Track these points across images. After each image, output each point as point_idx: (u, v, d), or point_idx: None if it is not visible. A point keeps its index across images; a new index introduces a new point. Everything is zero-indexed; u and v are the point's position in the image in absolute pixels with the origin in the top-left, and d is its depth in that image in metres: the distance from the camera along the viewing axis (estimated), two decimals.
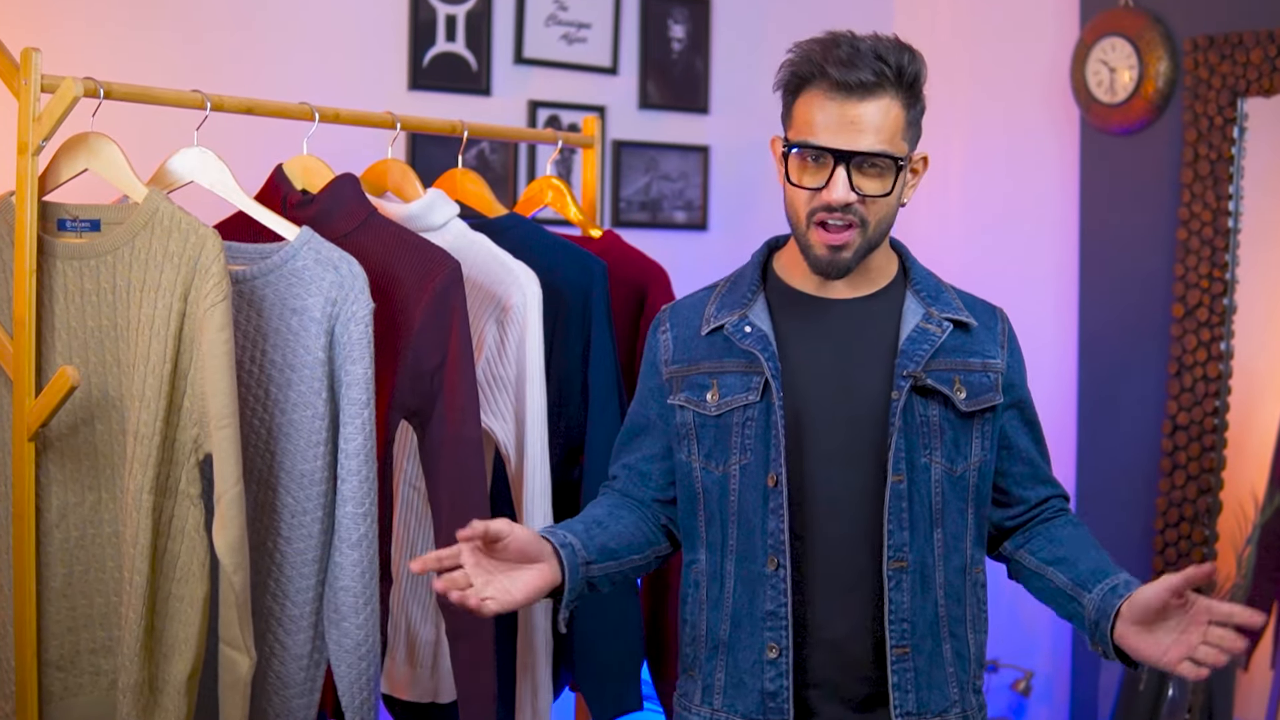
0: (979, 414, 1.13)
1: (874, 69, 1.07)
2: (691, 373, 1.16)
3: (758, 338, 1.12)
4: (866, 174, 1.08)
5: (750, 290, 1.16)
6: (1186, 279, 1.98)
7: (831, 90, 1.07)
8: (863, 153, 1.07)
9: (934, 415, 1.11)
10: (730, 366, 1.14)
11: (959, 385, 1.12)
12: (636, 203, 2.20)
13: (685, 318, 1.18)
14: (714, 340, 1.15)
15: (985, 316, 1.17)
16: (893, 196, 1.09)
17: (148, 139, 1.37)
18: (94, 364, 1.22)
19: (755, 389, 1.12)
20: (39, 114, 1.20)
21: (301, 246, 1.24)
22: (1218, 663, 0.99)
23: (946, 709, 1.11)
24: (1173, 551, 1.98)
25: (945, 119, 2.44)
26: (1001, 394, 1.15)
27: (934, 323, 1.12)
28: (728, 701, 1.13)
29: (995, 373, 1.15)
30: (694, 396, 1.15)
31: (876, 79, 1.07)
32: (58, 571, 1.23)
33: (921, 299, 1.14)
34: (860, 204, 1.08)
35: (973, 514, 1.14)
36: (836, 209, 1.08)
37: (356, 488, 1.22)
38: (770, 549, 1.10)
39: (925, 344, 1.11)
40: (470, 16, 2.01)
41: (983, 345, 1.15)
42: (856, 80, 1.06)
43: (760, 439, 1.11)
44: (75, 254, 1.23)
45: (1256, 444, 1.94)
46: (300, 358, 1.23)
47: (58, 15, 1.70)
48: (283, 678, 1.25)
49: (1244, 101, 1.92)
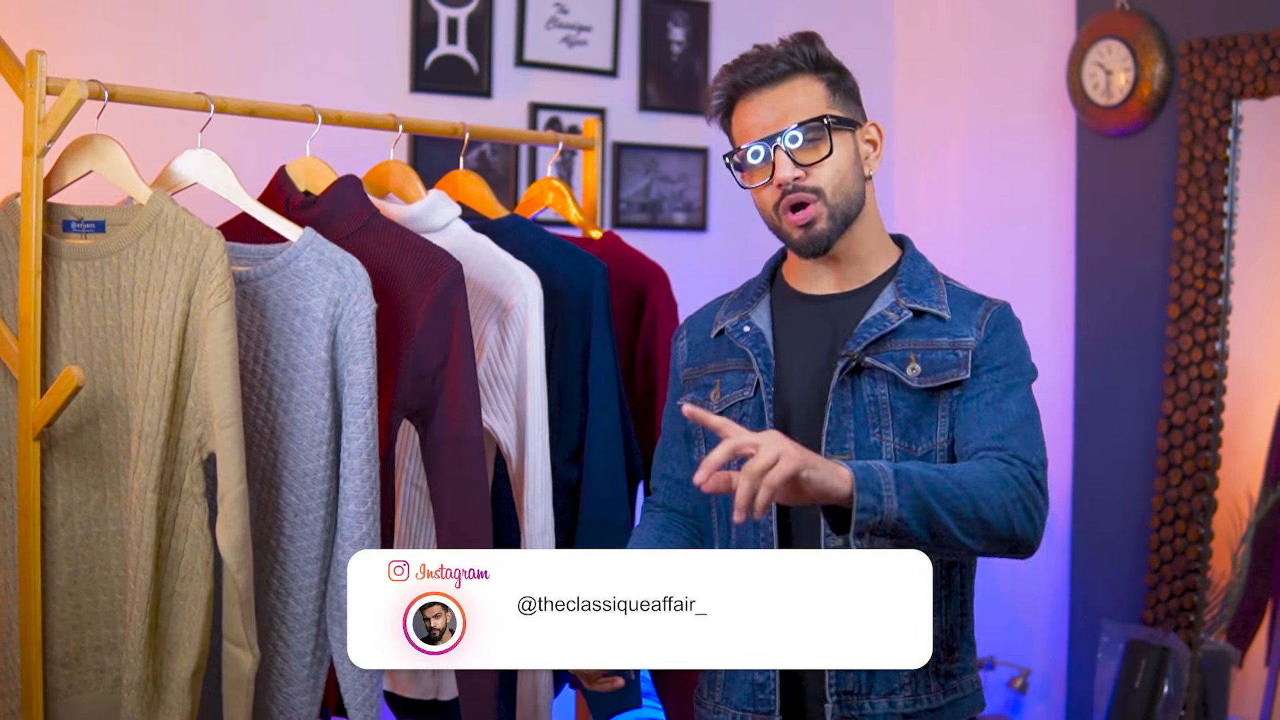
0: (941, 391, 1.11)
1: (783, 60, 1.13)
2: (700, 374, 1.20)
3: (753, 336, 1.16)
4: (802, 149, 1.12)
5: (756, 293, 1.20)
6: (1182, 280, 1.99)
7: (750, 93, 1.13)
8: (788, 128, 1.11)
9: (882, 394, 1.11)
10: (731, 365, 1.18)
11: (914, 363, 1.11)
12: (636, 204, 2.21)
13: (699, 324, 1.23)
14: (719, 342, 1.20)
15: (967, 307, 1.16)
16: (836, 158, 1.12)
17: (152, 141, 1.38)
18: (99, 364, 1.23)
19: (750, 385, 1.15)
20: (44, 116, 1.21)
21: (304, 247, 1.25)
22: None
23: (894, 691, 1.10)
24: (1168, 550, 1.99)
25: (943, 120, 2.45)
26: (969, 370, 1.11)
27: (895, 310, 1.13)
28: (725, 694, 1.16)
29: (964, 350, 1.12)
30: (700, 396, 1.19)
31: (788, 66, 1.13)
32: (63, 569, 1.23)
33: (899, 289, 1.15)
34: (806, 177, 1.11)
35: None
36: (789, 190, 1.11)
37: (359, 486, 1.23)
38: (761, 541, 1.13)
39: (875, 328, 1.12)
40: (471, 19, 2.02)
41: (955, 328, 1.14)
42: (766, 74, 1.13)
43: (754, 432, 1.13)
44: (80, 255, 1.23)
45: (1251, 443, 1.96)
46: (303, 358, 1.23)
47: (63, 18, 1.71)
48: (286, 675, 1.26)
49: (1239, 104, 1.94)
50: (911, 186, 2.49)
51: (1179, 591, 1.97)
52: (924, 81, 2.46)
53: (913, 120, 2.47)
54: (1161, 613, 1.98)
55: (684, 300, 1.59)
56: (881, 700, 1.10)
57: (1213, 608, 1.96)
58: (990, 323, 1.15)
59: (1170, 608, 1.97)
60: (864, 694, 1.10)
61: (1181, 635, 1.95)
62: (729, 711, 1.15)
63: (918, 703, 1.12)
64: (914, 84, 2.48)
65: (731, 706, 1.15)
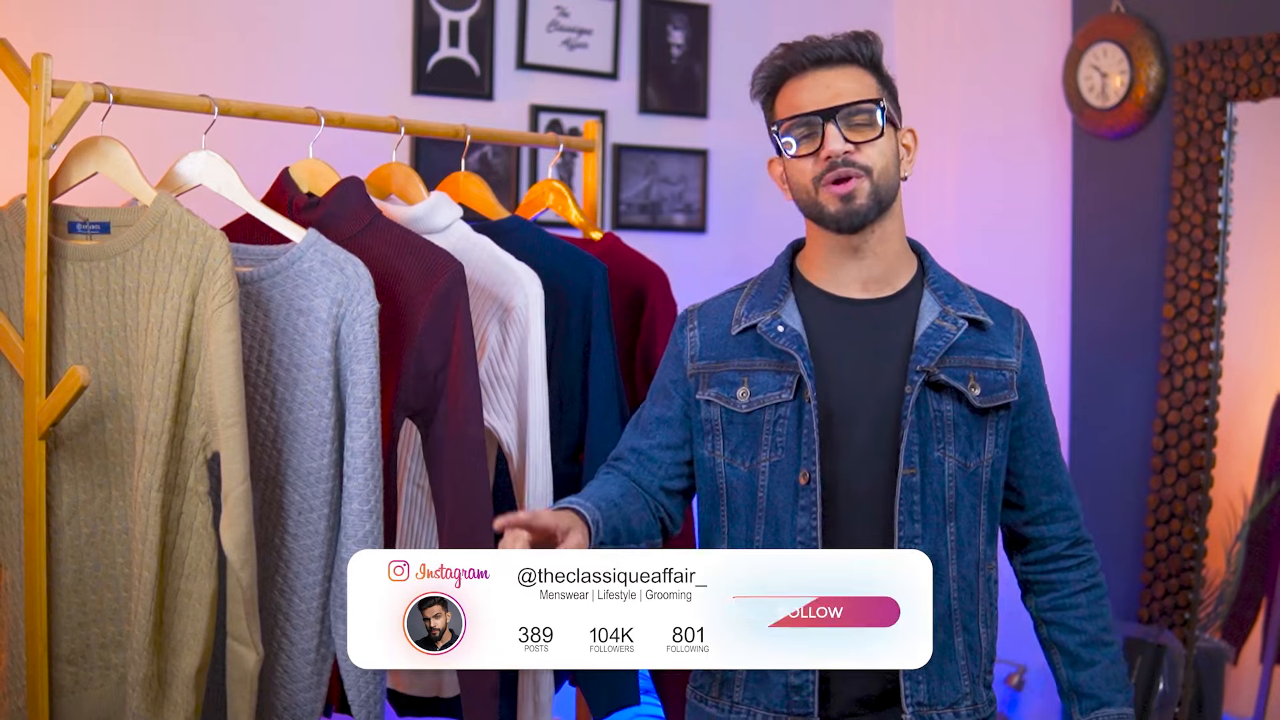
0: (993, 411, 1.15)
1: (840, 46, 1.15)
2: (720, 369, 1.17)
3: (792, 337, 1.14)
4: (854, 125, 1.12)
5: (780, 291, 1.17)
6: (1177, 280, 2.00)
7: (804, 72, 1.14)
8: (845, 104, 1.12)
9: (947, 410, 1.12)
10: (762, 365, 1.15)
11: (974, 381, 1.13)
12: (636, 205, 2.22)
13: (714, 317, 1.20)
14: (744, 339, 1.16)
15: (1001, 317, 1.19)
16: (884, 142, 1.13)
17: (156, 143, 1.39)
18: (104, 364, 1.24)
19: (789, 387, 1.13)
20: (50, 118, 1.21)
21: (308, 248, 1.25)
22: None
23: (957, 701, 1.12)
24: (1164, 548, 2.00)
25: (941, 123, 2.46)
26: (1016, 392, 1.16)
27: (949, 320, 1.14)
28: (749, 694, 1.13)
29: (1010, 371, 1.16)
30: (724, 393, 1.16)
31: (845, 53, 1.14)
32: (69, 567, 1.24)
33: (939, 297, 1.16)
34: (856, 152, 1.11)
35: (985, 510, 1.15)
36: (838, 163, 1.11)
37: (362, 485, 1.24)
38: (800, 545, 1.11)
39: (940, 340, 1.13)
40: (473, 22, 2.03)
41: (998, 344, 1.16)
42: (826, 54, 1.14)
43: (792, 436, 1.12)
44: (85, 256, 1.24)
45: (1245, 442, 1.97)
46: (307, 357, 1.24)
47: (68, 21, 1.71)
48: (290, 672, 1.27)
49: (1233, 106, 1.95)
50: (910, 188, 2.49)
51: (1174, 589, 1.98)
52: (922, 84, 2.47)
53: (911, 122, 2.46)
54: (1157, 610, 2.00)
55: (684, 300, 1.60)
56: (948, 711, 1.12)
57: (1208, 605, 1.97)
58: (1024, 339, 1.19)
59: (1165, 605, 1.98)
60: (932, 704, 1.12)
61: (1177, 632, 1.96)
62: (758, 713, 1.13)
63: (976, 712, 1.14)
64: (912, 86, 2.49)
65: (761, 708, 1.12)
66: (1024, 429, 1.18)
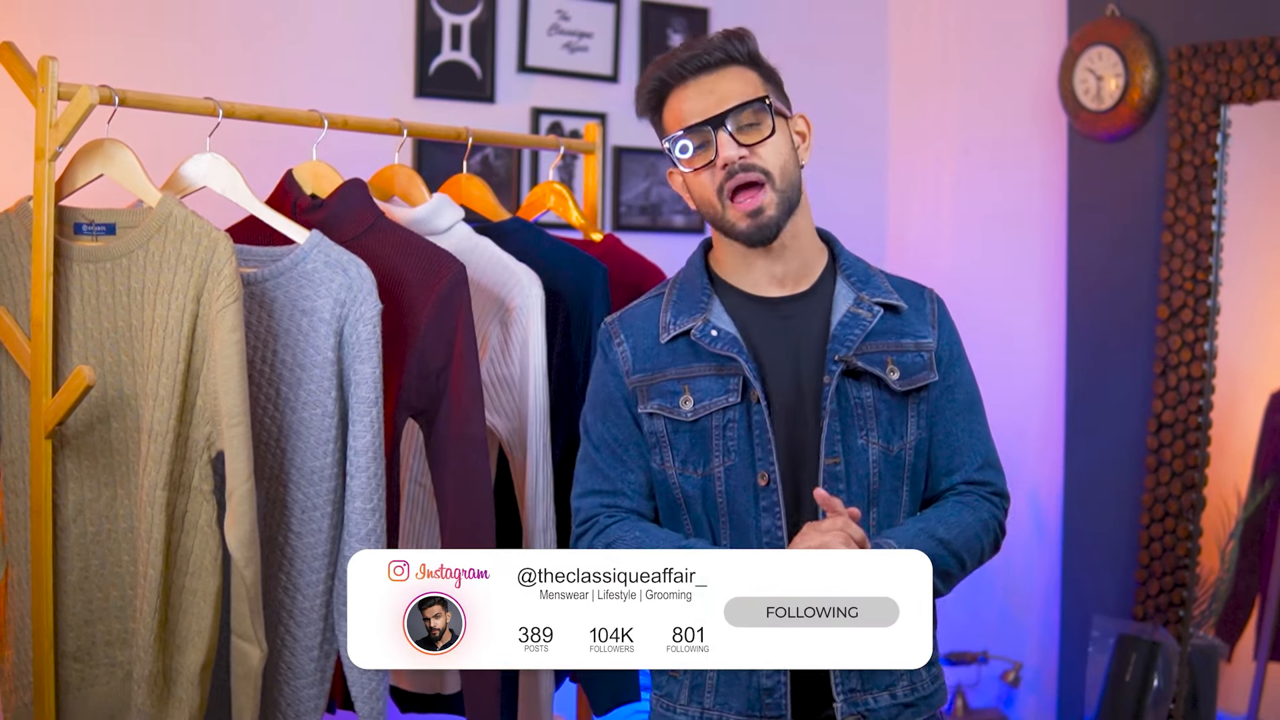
0: (913, 393, 1.14)
1: (714, 49, 1.12)
2: (658, 380, 1.15)
3: (729, 340, 1.13)
4: (744, 128, 1.10)
5: (704, 294, 1.16)
6: (1171, 281, 2.01)
7: (684, 80, 1.12)
8: (731, 108, 1.10)
9: (867, 397, 1.12)
10: (701, 370, 1.13)
11: (892, 366, 1.13)
12: (636, 207, 2.23)
13: (639, 327, 1.17)
14: (677, 346, 1.15)
15: (915, 299, 1.18)
16: (778, 139, 1.10)
17: (161, 145, 1.40)
18: (109, 364, 1.24)
19: (734, 390, 1.12)
20: (56, 121, 1.22)
21: (311, 249, 1.26)
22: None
23: (893, 684, 1.12)
24: (1158, 546, 2.02)
25: (938, 125, 2.48)
26: (935, 372, 1.16)
27: (864, 307, 1.14)
28: (720, 699, 1.12)
29: (927, 351, 1.16)
30: (666, 404, 1.14)
31: (722, 55, 1.12)
32: (75, 565, 1.25)
33: (852, 284, 1.16)
34: (751, 155, 1.09)
35: (908, 491, 1.15)
36: (736, 169, 1.09)
37: (365, 484, 1.25)
38: (767, 546, 1.11)
39: (856, 329, 1.13)
40: (475, 26, 2.05)
41: (914, 326, 1.16)
42: (701, 61, 1.12)
43: (744, 439, 1.11)
44: (91, 257, 1.25)
45: (1239, 441, 1.98)
46: (310, 357, 1.25)
47: (74, 25, 1.72)
48: (293, 668, 1.28)
49: (1227, 109, 1.96)
50: (906, 190, 2.52)
51: (1169, 587, 1.99)
52: (919, 87, 2.49)
53: (908, 125, 2.50)
54: (1151, 608, 2.01)
55: None
56: (884, 694, 1.12)
57: (1201, 603, 1.98)
58: (939, 318, 1.19)
59: (1160, 603, 1.99)
60: (866, 689, 1.11)
61: (1171, 630, 1.97)
62: (730, 717, 1.11)
63: (915, 691, 1.14)
64: (909, 90, 2.51)
65: (732, 712, 1.11)
66: (938, 409, 1.16)
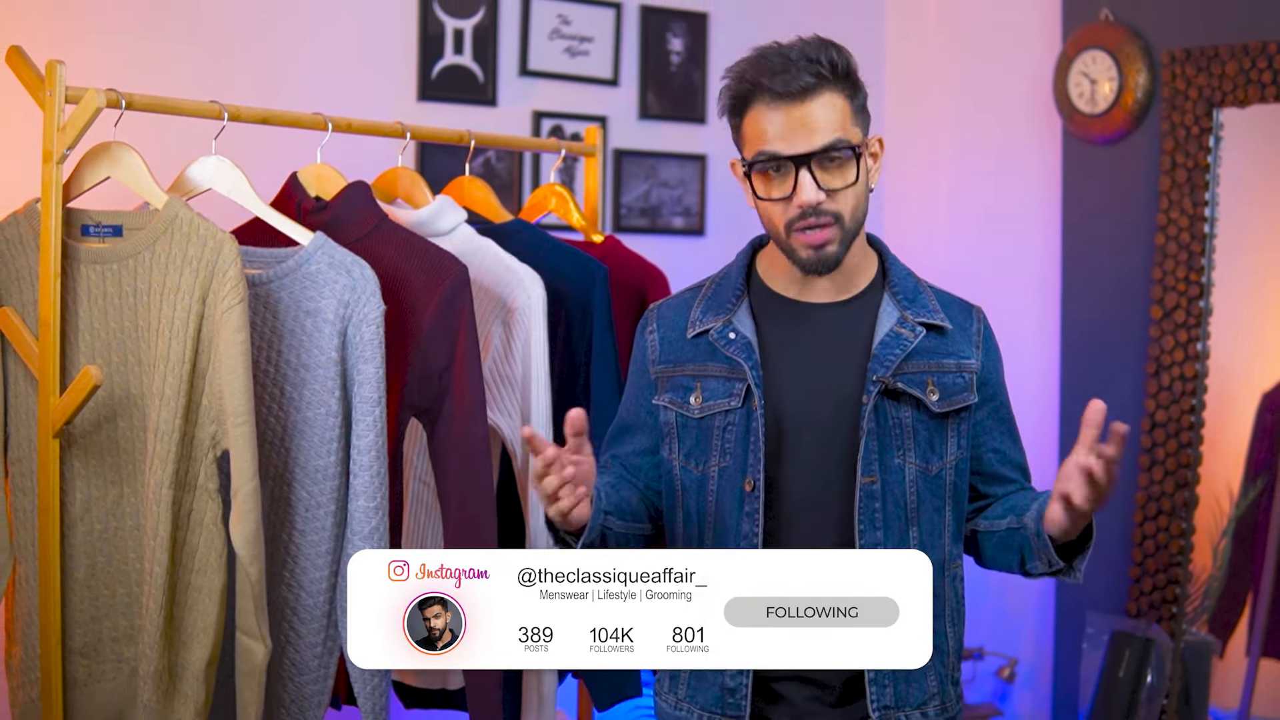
0: (953, 414, 1.14)
1: (808, 71, 1.08)
2: (676, 374, 1.16)
3: (741, 345, 1.13)
4: (828, 170, 1.08)
5: (735, 295, 1.16)
6: (1164, 282, 2.03)
7: (773, 100, 1.08)
8: (819, 150, 1.07)
9: (906, 417, 1.12)
10: (714, 371, 1.14)
11: (932, 387, 1.12)
12: (636, 209, 2.25)
13: (671, 319, 1.18)
14: (699, 344, 1.15)
15: (961, 318, 1.18)
16: (859, 185, 1.09)
17: (167, 148, 1.40)
18: (116, 364, 1.26)
19: (737, 395, 1.12)
20: (63, 124, 1.23)
21: (315, 251, 1.27)
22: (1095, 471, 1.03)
23: (925, 702, 1.12)
24: (1151, 544, 2.03)
25: (934, 128, 2.50)
26: (975, 393, 1.15)
27: (907, 327, 1.13)
28: (690, 692, 1.13)
29: (969, 373, 1.15)
30: (677, 398, 1.15)
31: (814, 79, 1.08)
32: (81, 563, 1.26)
33: (898, 302, 1.15)
34: (830, 201, 1.08)
35: (950, 510, 1.14)
36: (810, 213, 1.08)
37: (368, 483, 1.26)
38: (743, 549, 1.10)
39: (897, 349, 1.12)
40: (477, 30, 2.06)
41: (957, 346, 1.15)
42: (795, 86, 1.07)
43: (740, 443, 1.11)
44: (98, 258, 1.26)
45: (1231, 441, 1.99)
46: (314, 358, 1.26)
47: (81, 29, 1.73)
48: (297, 665, 1.29)
49: (1219, 112, 1.98)
50: (902, 192, 2.54)
51: (1162, 584, 2.00)
52: (914, 90, 2.51)
53: (903, 128, 2.52)
54: (1145, 604, 2.02)
55: None
56: (915, 712, 1.11)
57: (1194, 600, 1.99)
58: (983, 338, 1.18)
59: (1153, 600, 2.01)
60: (900, 707, 1.11)
61: (1164, 626, 1.98)
62: (694, 711, 1.13)
63: (944, 711, 1.14)
64: (904, 93, 2.53)
65: (697, 707, 1.12)
66: (982, 428, 1.17)
